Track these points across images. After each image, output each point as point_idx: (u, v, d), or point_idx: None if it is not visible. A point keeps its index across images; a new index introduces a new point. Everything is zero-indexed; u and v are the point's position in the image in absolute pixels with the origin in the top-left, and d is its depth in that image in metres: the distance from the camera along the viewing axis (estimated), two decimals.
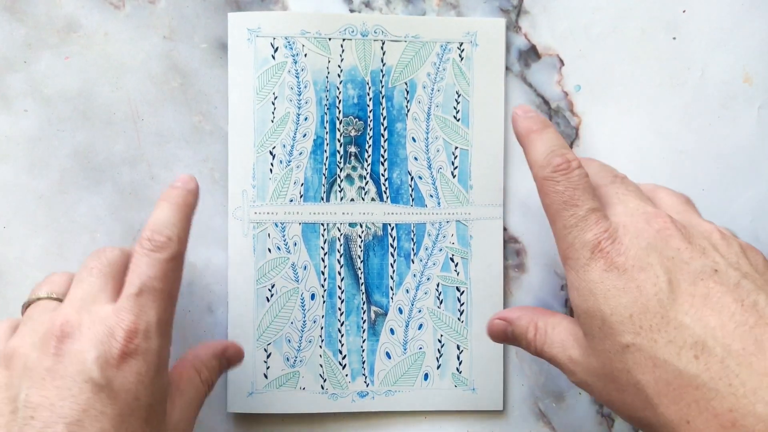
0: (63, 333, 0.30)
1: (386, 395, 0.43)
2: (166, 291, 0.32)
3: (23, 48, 0.42)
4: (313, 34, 0.42)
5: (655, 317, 0.28)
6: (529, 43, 0.44)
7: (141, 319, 0.31)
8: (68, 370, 0.29)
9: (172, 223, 0.33)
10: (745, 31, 0.44)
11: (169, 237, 0.32)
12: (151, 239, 0.32)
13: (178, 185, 0.35)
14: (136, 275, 0.31)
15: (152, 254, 0.32)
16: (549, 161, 0.32)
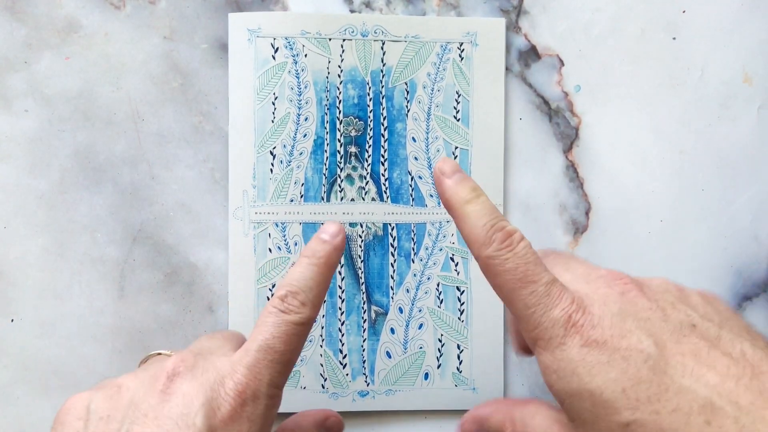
0: (174, 371, 0.29)
1: (387, 394, 0.43)
2: (287, 354, 0.30)
3: (23, 48, 0.42)
4: (314, 34, 0.43)
5: (651, 386, 0.25)
6: (529, 43, 0.44)
7: (255, 376, 0.29)
8: (173, 411, 0.28)
9: (309, 287, 0.31)
10: (745, 31, 0.44)
11: (303, 302, 0.30)
12: (284, 300, 0.30)
13: (325, 238, 0.32)
14: (260, 332, 0.30)
15: (282, 315, 0.30)
16: (490, 238, 0.28)
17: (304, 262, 0.31)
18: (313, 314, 0.31)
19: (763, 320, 0.45)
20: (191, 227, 0.43)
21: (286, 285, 0.31)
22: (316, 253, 0.31)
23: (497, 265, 0.28)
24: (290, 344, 0.30)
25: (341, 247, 0.32)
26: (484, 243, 0.29)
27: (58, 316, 0.42)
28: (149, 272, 0.43)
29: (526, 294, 0.27)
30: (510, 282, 0.28)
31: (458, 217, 0.30)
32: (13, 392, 0.42)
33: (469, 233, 0.29)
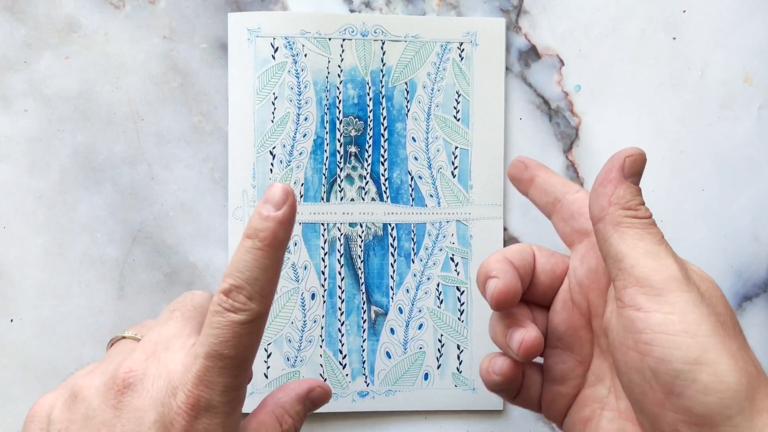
0: (125, 383, 0.27)
1: (386, 395, 0.43)
2: (238, 358, 0.27)
3: (23, 48, 0.42)
4: (313, 34, 0.42)
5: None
6: (529, 43, 0.44)
7: (206, 386, 0.27)
8: (126, 428, 0.27)
9: (254, 277, 0.27)
10: (745, 31, 0.44)
11: (250, 297, 0.27)
12: (229, 295, 0.27)
13: (267, 213, 0.28)
14: (207, 335, 0.27)
15: (227, 314, 0.27)
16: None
17: (247, 245, 0.27)
18: (263, 308, 0.28)
19: (763, 320, 0.45)
20: (191, 227, 0.43)
21: (229, 276, 0.27)
22: (259, 234, 0.27)
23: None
24: (240, 346, 0.27)
25: (289, 219, 0.27)
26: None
27: (58, 316, 0.42)
28: (149, 272, 0.43)
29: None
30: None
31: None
32: (13, 392, 0.42)
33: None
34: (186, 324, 0.30)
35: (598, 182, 0.29)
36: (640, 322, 0.26)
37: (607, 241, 0.28)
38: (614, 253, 0.28)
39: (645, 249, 0.27)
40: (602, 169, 0.30)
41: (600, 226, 0.29)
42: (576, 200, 0.33)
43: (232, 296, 0.27)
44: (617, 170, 0.29)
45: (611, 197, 0.29)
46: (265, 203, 0.28)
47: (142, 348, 0.29)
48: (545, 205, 0.34)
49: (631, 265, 0.27)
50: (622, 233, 0.28)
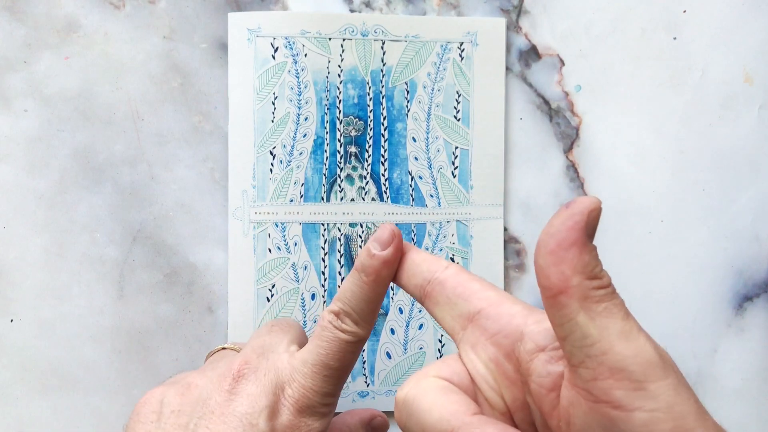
0: (240, 373, 0.31)
1: (386, 395, 0.43)
2: (340, 370, 0.31)
3: (23, 48, 0.42)
4: (313, 34, 0.42)
5: None
6: (530, 43, 0.44)
7: (311, 388, 0.31)
8: (238, 409, 0.30)
9: (360, 307, 0.31)
10: (745, 31, 0.44)
11: (356, 322, 0.31)
12: (339, 316, 0.31)
13: (374, 252, 0.30)
14: (316, 345, 0.31)
15: (336, 333, 0.31)
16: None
17: (355, 277, 0.31)
18: (366, 332, 0.31)
19: (763, 320, 0.45)
20: (191, 227, 0.43)
21: (340, 300, 0.31)
22: (366, 269, 0.30)
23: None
24: (344, 361, 0.31)
25: (393, 259, 0.30)
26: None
27: (58, 317, 0.42)
28: (149, 272, 0.43)
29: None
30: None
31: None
32: (13, 392, 0.42)
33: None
34: (286, 335, 0.34)
35: (556, 243, 0.23)
36: (621, 422, 0.22)
37: (572, 320, 0.23)
38: (580, 335, 0.23)
39: (616, 329, 0.22)
40: (556, 222, 0.23)
41: (562, 301, 0.23)
42: (447, 280, 0.28)
43: (341, 318, 0.31)
44: (580, 229, 0.23)
45: (575, 265, 0.23)
46: (374, 241, 0.30)
47: (251, 348, 0.33)
48: (415, 289, 0.29)
49: (603, 351, 0.22)
50: (590, 310, 0.23)
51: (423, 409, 0.25)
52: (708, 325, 0.45)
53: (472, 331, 0.27)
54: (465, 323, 0.27)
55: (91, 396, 0.42)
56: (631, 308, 0.46)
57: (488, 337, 0.26)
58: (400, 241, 0.30)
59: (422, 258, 0.29)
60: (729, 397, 0.44)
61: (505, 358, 0.26)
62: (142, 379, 0.42)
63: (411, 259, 0.29)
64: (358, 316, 0.31)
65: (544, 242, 0.23)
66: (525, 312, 0.26)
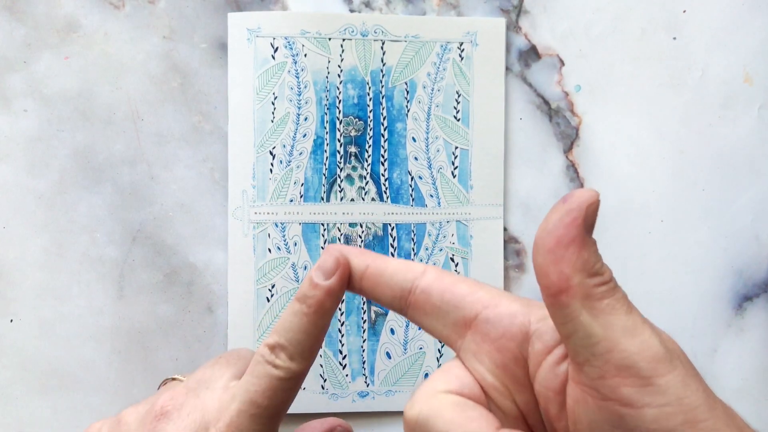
0: (162, 411, 0.29)
1: (386, 395, 0.43)
2: (271, 409, 0.28)
3: (23, 48, 0.42)
4: (313, 34, 0.42)
5: None
6: (530, 43, 0.44)
7: (236, 429, 0.28)
8: None
9: (298, 340, 0.27)
10: (745, 31, 0.44)
11: (291, 356, 0.28)
12: (273, 350, 0.28)
13: (317, 281, 0.27)
14: (246, 381, 0.28)
15: (268, 368, 0.28)
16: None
17: (295, 307, 0.28)
18: (302, 368, 0.28)
19: (763, 320, 0.45)
20: (191, 227, 0.43)
21: (275, 333, 0.28)
22: (307, 300, 0.27)
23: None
24: (275, 399, 0.28)
25: (337, 289, 0.27)
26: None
27: (58, 317, 0.42)
28: (148, 272, 0.43)
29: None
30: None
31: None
32: (12, 392, 0.42)
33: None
34: (228, 368, 0.31)
35: (554, 241, 0.22)
36: (631, 419, 0.22)
37: (574, 319, 0.22)
38: (584, 334, 0.22)
39: (620, 325, 0.22)
40: (553, 218, 0.22)
41: (564, 300, 0.22)
42: (431, 286, 0.25)
43: (275, 352, 0.28)
44: (579, 225, 0.22)
45: (575, 263, 0.22)
46: (317, 269, 0.27)
47: (185, 384, 0.31)
48: (393, 301, 0.26)
49: (608, 349, 0.22)
50: (592, 308, 0.22)
51: (441, 431, 0.23)
52: (708, 325, 0.45)
53: (472, 338, 0.25)
54: (462, 330, 0.25)
55: (91, 396, 0.42)
56: None
57: (491, 342, 0.25)
58: (346, 268, 0.27)
59: (394, 267, 0.26)
60: (729, 397, 0.44)
61: (512, 361, 0.24)
62: (142, 379, 0.42)
63: (381, 270, 0.26)
64: (294, 350, 0.28)
65: (542, 240, 0.22)
66: (525, 309, 0.25)
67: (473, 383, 0.25)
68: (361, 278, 0.27)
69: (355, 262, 0.27)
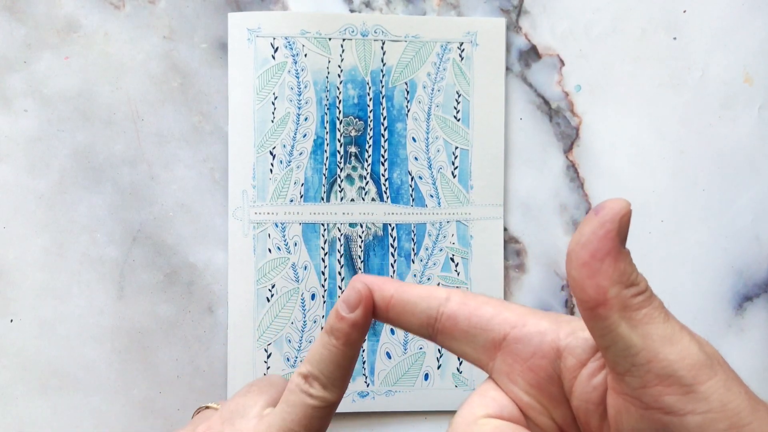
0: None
1: (386, 395, 0.43)
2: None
3: (23, 48, 0.42)
4: (313, 34, 0.42)
5: None
6: (530, 43, 0.44)
7: None
8: None
9: (330, 370, 0.28)
10: (745, 31, 0.44)
11: (324, 386, 0.28)
12: (307, 380, 0.28)
13: (342, 314, 0.27)
14: (282, 410, 0.29)
15: (303, 397, 0.28)
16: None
17: (324, 340, 0.28)
18: (336, 397, 0.29)
19: (763, 320, 0.45)
20: (191, 227, 0.43)
21: (309, 363, 0.29)
22: (334, 332, 0.28)
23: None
24: (310, 428, 0.29)
25: (362, 322, 0.27)
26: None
27: (58, 316, 0.42)
28: (149, 272, 0.43)
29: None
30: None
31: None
32: (12, 392, 0.42)
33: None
34: (261, 396, 0.32)
35: (589, 254, 0.22)
36: (675, 427, 0.22)
37: (613, 331, 0.22)
38: (624, 345, 0.22)
39: (659, 334, 0.22)
40: (587, 231, 0.22)
41: (602, 313, 0.22)
42: (457, 312, 0.25)
43: (309, 382, 0.28)
44: (613, 238, 0.22)
45: (612, 275, 0.22)
46: (343, 302, 0.27)
47: (220, 414, 0.32)
48: (420, 329, 0.26)
49: (648, 359, 0.22)
50: (630, 319, 0.22)
51: None
52: (708, 325, 0.45)
53: (503, 360, 0.25)
54: (492, 353, 0.25)
55: (91, 396, 0.42)
56: None
57: (523, 362, 0.25)
58: (369, 300, 0.27)
59: (418, 294, 0.26)
60: None
61: (546, 380, 0.24)
62: (142, 379, 0.42)
63: (405, 300, 0.26)
64: (327, 380, 0.28)
65: (576, 254, 0.22)
66: (554, 326, 0.25)
67: (510, 404, 0.25)
68: (387, 309, 0.26)
69: (378, 292, 0.26)
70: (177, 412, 0.43)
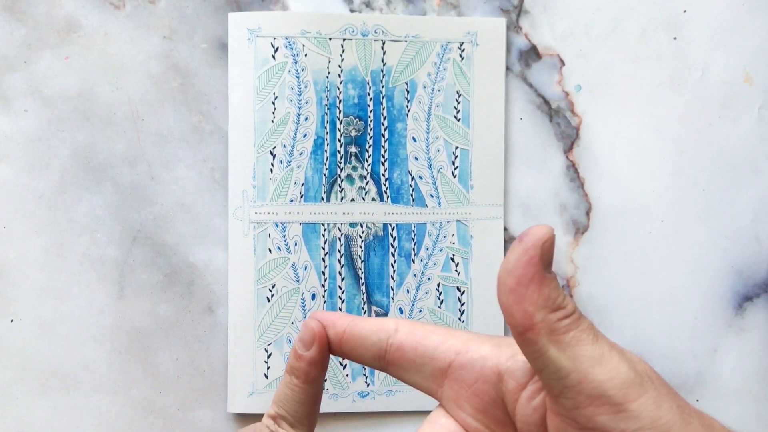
0: None
1: (387, 395, 0.43)
2: None
3: (23, 48, 0.42)
4: (314, 34, 0.42)
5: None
6: (530, 43, 0.44)
7: None
8: None
9: (295, 408, 0.29)
10: (745, 31, 0.44)
11: (292, 424, 0.29)
12: (276, 420, 0.29)
13: (300, 353, 0.28)
14: None
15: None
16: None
17: (286, 380, 0.29)
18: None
19: (763, 320, 0.45)
20: (191, 227, 0.43)
21: (275, 404, 0.29)
22: (294, 371, 0.29)
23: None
24: None
25: (318, 359, 0.28)
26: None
27: (58, 317, 0.42)
28: (149, 272, 0.43)
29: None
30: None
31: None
32: (13, 392, 0.42)
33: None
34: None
35: (515, 281, 0.23)
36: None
37: (543, 354, 0.23)
38: (554, 368, 0.23)
39: (587, 356, 0.23)
40: (512, 258, 0.23)
41: (531, 337, 0.23)
42: (403, 343, 0.26)
43: (278, 422, 0.29)
44: (536, 264, 0.22)
45: (537, 301, 0.23)
46: (299, 341, 0.28)
47: None
48: (372, 361, 0.27)
49: (578, 381, 0.22)
50: (559, 342, 0.23)
51: None
52: (708, 325, 0.45)
53: (450, 387, 0.26)
54: (440, 380, 0.26)
55: (91, 396, 0.42)
56: (632, 308, 0.47)
57: (467, 388, 0.26)
58: (323, 337, 0.27)
59: (368, 328, 0.27)
60: (729, 397, 0.44)
61: (490, 404, 0.25)
62: (142, 379, 0.42)
63: (357, 334, 0.27)
64: (293, 419, 0.29)
65: (503, 280, 0.23)
66: (495, 350, 0.25)
67: (459, 430, 0.26)
68: (340, 344, 0.27)
69: (331, 329, 0.27)
70: (177, 412, 0.43)
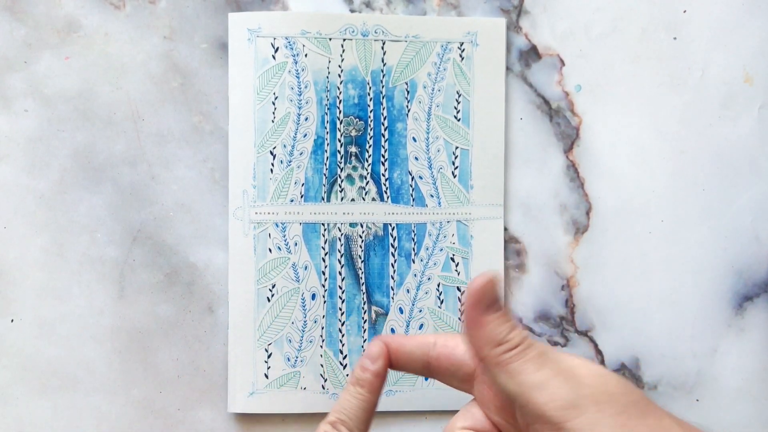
0: None
1: (387, 395, 0.43)
2: None
3: (23, 48, 0.42)
4: (314, 34, 0.42)
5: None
6: (530, 43, 0.44)
7: None
8: None
9: (356, 416, 0.32)
10: (745, 31, 0.44)
11: (351, 429, 0.32)
12: (335, 426, 0.32)
13: (367, 366, 0.32)
14: None
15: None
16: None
17: (351, 390, 0.32)
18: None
19: (763, 320, 0.45)
20: (191, 227, 0.43)
21: (337, 412, 0.32)
22: (360, 382, 0.32)
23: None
24: None
25: (384, 372, 0.32)
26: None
27: (58, 317, 0.42)
28: (149, 272, 0.43)
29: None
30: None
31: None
32: (13, 392, 0.42)
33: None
34: None
35: (466, 323, 0.29)
36: None
37: (496, 381, 0.28)
38: (506, 392, 0.28)
39: (530, 383, 0.27)
40: (464, 302, 0.29)
41: (486, 368, 0.29)
42: (440, 355, 0.31)
43: (338, 427, 0.32)
44: (475, 309, 0.28)
45: (481, 339, 0.28)
46: (366, 357, 0.32)
47: None
48: (423, 371, 0.32)
49: (524, 403, 0.27)
50: (505, 372, 0.27)
51: None
52: (708, 325, 0.45)
53: (477, 389, 0.31)
54: (470, 383, 0.31)
55: (91, 396, 0.42)
56: (632, 308, 0.46)
57: (489, 390, 0.30)
58: (386, 354, 0.32)
59: (414, 344, 0.32)
60: (729, 397, 0.44)
61: (508, 404, 0.29)
62: (142, 379, 0.42)
63: (406, 351, 0.32)
64: (353, 423, 0.32)
65: (462, 323, 0.28)
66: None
67: (486, 421, 0.31)
68: (396, 358, 0.32)
69: (389, 348, 0.32)
70: (177, 412, 0.43)
